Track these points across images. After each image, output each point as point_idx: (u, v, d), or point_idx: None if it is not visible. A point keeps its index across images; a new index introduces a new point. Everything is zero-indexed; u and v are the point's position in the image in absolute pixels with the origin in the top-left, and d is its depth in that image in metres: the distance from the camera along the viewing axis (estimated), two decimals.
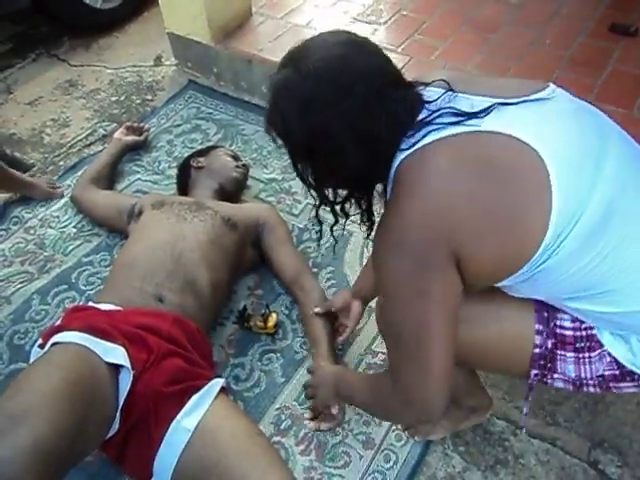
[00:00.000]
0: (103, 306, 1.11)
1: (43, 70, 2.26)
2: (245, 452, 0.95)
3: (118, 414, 0.96)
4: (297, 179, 0.80)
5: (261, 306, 1.32)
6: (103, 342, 0.98)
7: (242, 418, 1.03)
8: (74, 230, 1.58)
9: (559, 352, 0.80)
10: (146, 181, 1.73)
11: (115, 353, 0.98)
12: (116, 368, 0.98)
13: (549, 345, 0.80)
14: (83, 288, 1.43)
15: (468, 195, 0.68)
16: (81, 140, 1.90)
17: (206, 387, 1.04)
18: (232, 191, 1.53)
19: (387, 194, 0.78)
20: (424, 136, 0.71)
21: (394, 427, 1.14)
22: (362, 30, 1.91)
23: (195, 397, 1.02)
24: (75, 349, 0.94)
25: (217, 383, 1.07)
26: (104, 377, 0.94)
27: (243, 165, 1.57)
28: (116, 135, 1.79)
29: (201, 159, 1.56)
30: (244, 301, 1.37)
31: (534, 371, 0.83)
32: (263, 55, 1.85)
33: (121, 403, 0.96)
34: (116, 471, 1.08)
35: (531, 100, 0.73)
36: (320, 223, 0.89)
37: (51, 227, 1.59)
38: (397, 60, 1.75)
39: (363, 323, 1.31)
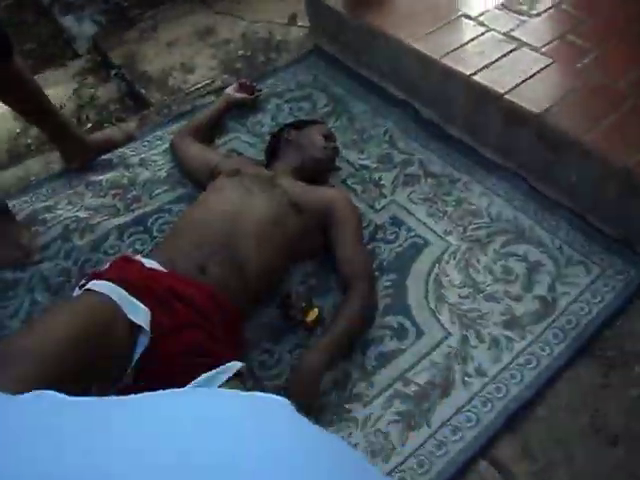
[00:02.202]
0: (148, 262, 1.14)
1: (188, 12, 2.34)
2: None
3: (130, 370, 0.99)
4: (389, 171, 0.62)
5: (305, 297, 1.27)
6: (132, 299, 1.00)
7: None
8: (164, 175, 1.64)
9: None
10: (244, 142, 1.73)
11: (139, 313, 1.00)
12: (138, 327, 1.00)
13: None
14: (155, 234, 1.48)
15: None
16: (199, 89, 1.95)
17: (221, 368, 1.03)
18: (313, 171, 1.47)
19: None
20: None
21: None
22: (508, 21, 1.69)
23: (207, 375, 1.01)
24: (100, 300, 0.97)
25: (233, 366, 1.05)
26: (120, 333, 0.96)
27: (333, 148, 1.50)
28: (228, 90, 1.80)
29: (294, 132, 1.52)
30: (294, 287, 1.33)
31: None
32: (388, 31, 1.72)
33: (134, 361, 0.98)
34: None
35: None
36: None
37: (147, 169, 1.67)
38: (538, 62, 1.53)
39: (406, 346, 1.21)
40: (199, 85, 1.96)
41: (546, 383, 1.14)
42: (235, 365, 1.06)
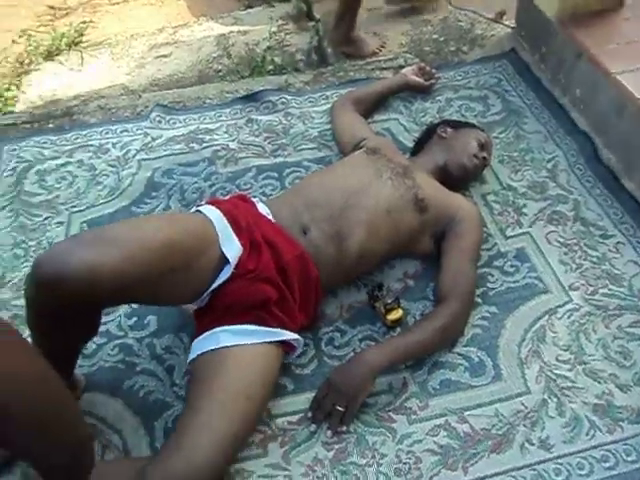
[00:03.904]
0: (261, 207, 1.19)
1: None
2: (221, 402, 0.96)
3: (207, 294, 1.06)
4: (537, 202, 0.58)
5: (395, 295, 1.24)
6: (231, 233, 1.07)
7: (257, 376, 1.01)
8: (316, 134, 1.68)
9: None
10: (402, 125, 1.70)
11: (232, 248, 1.06)
12: (226, 258, 1.05)
13: None
14: (286, 185, 1.54)
15: None
16: (380, 61, 1.94)
17: (268, 329, 1.05)
18: (455, 177, 1.40)
19: None
20: None
21: None
22: None
23: (251, 327, 1.04)
24: (204, 223, 1.05)
25: (280, 334, 1.06)
26: (209, 256, 1.03)
27: (483, 158, 1.41)
28: (405, 70, 1.77)
29: (449, 130, 1.45)
30: (388, 281, 1.30)
31: None
32: (595, 55, 1.54)
33: (212, 288, 1.05)
34: None
35: None
36: None
37: (303, 123, 1.72)
38: None
39: (477, 384, 1.13)
40: (382, 58, 1.95)
41: None
42: (283, 333, 1.06)
